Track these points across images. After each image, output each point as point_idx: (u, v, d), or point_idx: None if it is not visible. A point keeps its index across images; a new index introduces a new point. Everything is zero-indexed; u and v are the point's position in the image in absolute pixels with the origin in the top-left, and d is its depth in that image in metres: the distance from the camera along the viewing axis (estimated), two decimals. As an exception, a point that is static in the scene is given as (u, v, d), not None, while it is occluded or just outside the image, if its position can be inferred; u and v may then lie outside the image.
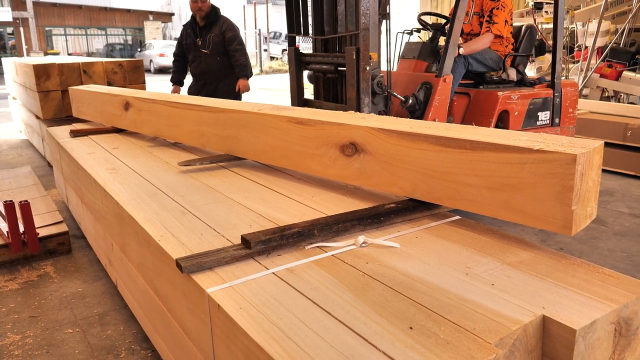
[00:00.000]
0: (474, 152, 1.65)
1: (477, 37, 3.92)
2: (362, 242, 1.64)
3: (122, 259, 2.33)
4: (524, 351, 1.17)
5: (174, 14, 33.96)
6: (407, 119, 2.17)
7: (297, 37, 3.97)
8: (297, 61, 3.92)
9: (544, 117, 3.93)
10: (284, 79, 18.11)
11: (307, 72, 3.99)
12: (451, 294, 1.31)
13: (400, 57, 4.09)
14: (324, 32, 3.61)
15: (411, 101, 3.46)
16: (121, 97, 3.57)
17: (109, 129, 3.76)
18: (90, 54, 28.59)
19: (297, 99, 3.99)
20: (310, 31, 3.81)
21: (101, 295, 2.79)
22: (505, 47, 3.97)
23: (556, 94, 3.95)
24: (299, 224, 1.71)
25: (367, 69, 3.24)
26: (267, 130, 2.42)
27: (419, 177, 1.83)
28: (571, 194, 1.45)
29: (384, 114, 3.43)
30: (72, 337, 2.40)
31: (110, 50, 29.75)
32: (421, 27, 4.12)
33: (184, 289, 1.55)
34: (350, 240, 1.67)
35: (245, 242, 1.59)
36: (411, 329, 1.15)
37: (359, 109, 3.29)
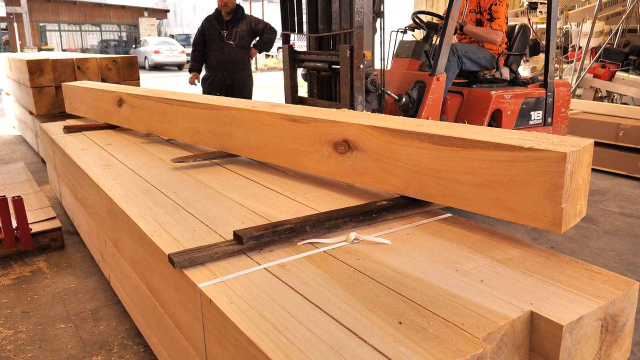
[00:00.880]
0: (466, 150, 1.66)
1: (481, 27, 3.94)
2: (354, 239, 1.65)
3: (115, 255, 2.33)
4: (512, 346, 1.18)
5: (169, 10, 33.86)
6: (400, 116, 2.19)
7: (292, 35, 3.98)
8: (292, 59, 3.93)
9: (537, 116, 3.95)
10: (278, 76, 18.10)
11: (301, 70, 4.00)
12: (441, 290, 1.32)
13: (394, 55, 4.11)
14: (318, 30, 3.63)
15: (404, 100, 3.47)
16: (115, 93, 3.57)
17: (103, 125, 3.75)
18: (84, 50, 28.48)
19: (292, 96, 4.00)
20: (304, 29, 3.82)
21: (94, 290, 2.80)
22: (498, 46, 3.99)
23: (549, 94, 3.98)
24: (291, 221, 1.72)
25: (361, 67, 3.25)
26: (261, 127, 2.43)
27: (411, 174, 1.84)
28: (561, 192, 1.47)
29: (378, 112, 3.44)
30: (64, 333, 2.40)
31: (104, 46, 29.62)
32: (415, 25, 4.13)
33: (176, 284, 1.56)
34: (341, 236, 1.69)
35: (237, 237, 1.60)
36: (400, 323, 1.17)
37: (352, 107, 3.30)
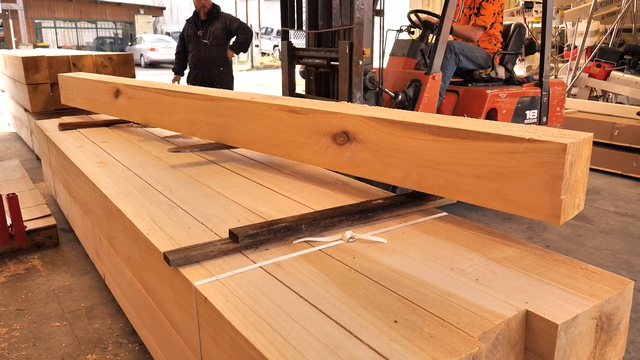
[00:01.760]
0: (467, 141, 1.65)
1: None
2: (350, 237, 1.65)
3: (110, 253, 2.33)
4: (507, 345, 1.19)
5: (165, 8, 33.71)
6: (399, 109, 2.18)
7: (290, 32, 3.97)
8: (290, 55, 3.93)
9: (532, 115, 3.96)
10: (275, 75, 18.08)
11: (299, 68, 3.99)
12: (436, 289, 1.32)
13: (390, 54, 4.11)
14: (318, 26, 3.62)
15: (401, 97, 3.47)
16: (111, 84, 3.53)
17: (99, 123, 3.74)
18: (80, 47, 28.31)
19: (289, 93, 4.00)
20: (304, 25, 3.81)
21: (89, 288, 2.79)
22: (494, 45, 4.00)
23: (544, 93, 3.99)
24: (287, 219, 1.72)
25: (360, 63, 3.26)
26: (259, 118, 2.40)
27: (410, 166, 1.83)
28: (560, 183, 1.46)
29: (375, 109, 3.44)
30: (59, 330, 2.39)
31: (100, 43, 29.47)
32: (411, 24, 4.13)
33: (172, 282, 1.55)
34: (337, 235, 1.69)
35: (233, 236, 1.60)
36: (396, 322, 1.17)
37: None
